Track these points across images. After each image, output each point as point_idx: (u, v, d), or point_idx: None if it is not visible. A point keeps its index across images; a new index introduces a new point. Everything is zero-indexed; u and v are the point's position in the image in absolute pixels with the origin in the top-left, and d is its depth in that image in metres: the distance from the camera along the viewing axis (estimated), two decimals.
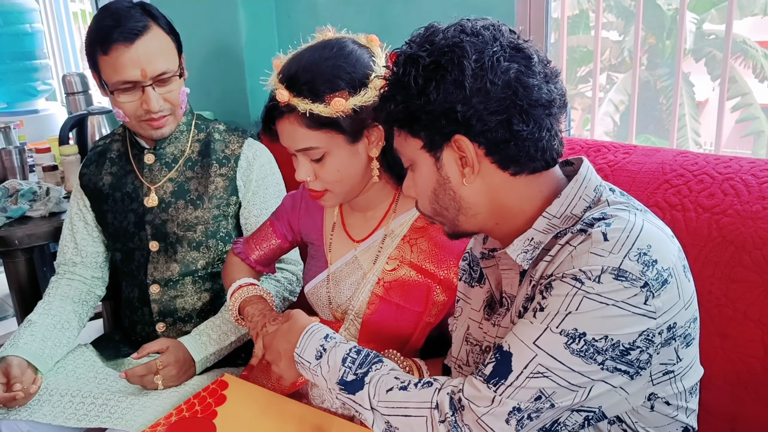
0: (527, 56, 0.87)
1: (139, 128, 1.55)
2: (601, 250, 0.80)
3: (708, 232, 1.21)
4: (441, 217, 0.96)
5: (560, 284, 0.82)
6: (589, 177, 0.92)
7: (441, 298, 1.23)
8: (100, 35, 1.45)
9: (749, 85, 9.08)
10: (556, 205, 0.90)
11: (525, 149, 0.87)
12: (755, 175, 1.21)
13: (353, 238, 1.31)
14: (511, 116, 0.85)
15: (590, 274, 0.80)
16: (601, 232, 0.82)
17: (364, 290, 1.26)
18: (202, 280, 1.63)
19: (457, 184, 0.91)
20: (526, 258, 0.91)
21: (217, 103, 2.38)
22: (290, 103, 1.11)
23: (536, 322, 0.83)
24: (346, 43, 1.16)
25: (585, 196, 0.90)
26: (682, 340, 0.85)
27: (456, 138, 0.87)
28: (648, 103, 10.07)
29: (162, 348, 1.45)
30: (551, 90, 0.88)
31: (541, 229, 0.90)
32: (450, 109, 0.85)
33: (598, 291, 0.79)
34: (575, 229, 0.86)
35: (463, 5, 1.80)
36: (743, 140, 9.88)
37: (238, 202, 1.63)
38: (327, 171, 1.17)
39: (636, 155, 1.39)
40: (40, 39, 3.69)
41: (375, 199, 1.27)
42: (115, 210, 1.63)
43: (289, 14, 2.27)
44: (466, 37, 0.86)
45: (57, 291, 1.65)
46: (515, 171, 0.89)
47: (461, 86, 0.84)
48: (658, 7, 9.21)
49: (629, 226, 0.82)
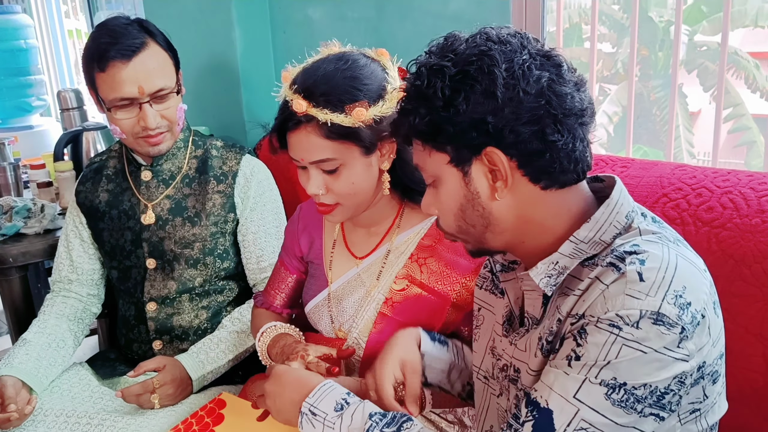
0: (557, 64, 0.84)
1: (136, 145, 1.54)
2: (637, 292, 0.76)
3: (707, 245, 1.21)
4: (466, 234, 0.92)
5: (596, 331, 0.77)
6: (622, 202, 0.87)
7: (452, 317, 1.22)
8: (98, 52, 1.45)
9: (741, 96, 9.14)
10: (585, 230, 0.85)
11: (559, 160, 0.83)
12: (754, 189, 1.21)
13: (355, 254, 1.29)
14: (545, 126, 0.81)
15: (628, 320, 0.75)
16: (636, 271, 0.77)
17: (369, 309, 1.24)
18: (199, 297, 1.62)
19: (486, 200, 0.86)
20: (549, 283, 0.87)
21: (213, 118, 2.38)
22: (308, 113, 1.09)
23: (573, 373, 0.79)
24: (359, 56, 1.15)
25: (616, 223, 0.86)
26: (710, 378, 0.82)
27: (487, 150, 0.83)
28: (642, 115, 10.13)
29: (159, 366, 1.44)
30: (582, 98, 0.84)
31: (566, 254, 0.86)
32: (480, 120, 0.81)
33: (637, 338, 0.75)
34: (605, 262, 0.81)
35: (458, 20, 1.80)
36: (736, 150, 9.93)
37: (236, 219, 1.63)
38: (341, 184, 1.15)
39: (633, 169, 1.39)
40: (34, 55, 3.69)
41: (380, 214, 1.26)
42: (112, 228, 1.62)
43: (285, 30, 2.27)
44: (494, 45, 0.82)
45: (52, 309, 1.63)
46: (546, 184, 0.85)
47: (492, 96, 0.80)
48: (650, 20, 9.29)
49: (664, 265, 0.78)
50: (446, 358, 1.17)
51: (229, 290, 1.66)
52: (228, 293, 1.66)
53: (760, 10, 8.61)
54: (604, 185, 0.93)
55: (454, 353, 1.18)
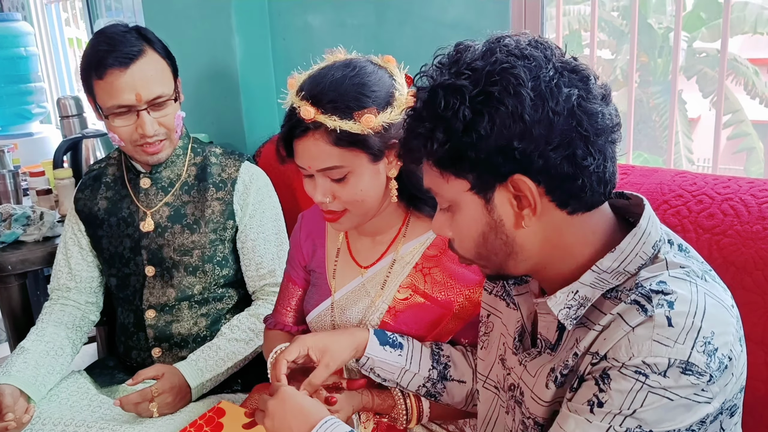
0: (584, 77, 0.78)
1: (134, 153, 1.54)
2: (665, 338, 0.72)
3: (708, 253, 1.20)
4: (486, 261, 0.86)
5: (621, 377, 0.74)
6: (650, 231, 0.82)
7: (451, 326, 1.21)
8: (95, 60, 1.45)
9: (740, 102, 9.16)
10: (609, 260, 0.80)
11: (590, 184, 0.77)
12: (754, 195, 1.20)
13: (360, 264, 1.27)
14: (576, 149, 0.75)
15: (655, 368, 0.72)
16: (665, 315, 0.73)
17: (373, 318, 1.23)
18: (198, 305, 1.61)
19: (511, 228, 0.81)
20: (570, 315, 0.82)
21: (213, 125, 2.38)
22: (317, 120, 1.08)
23: (596, 420, 0.75)
24: (366, 63, 1.14)
25: (642, 253, 0.80)
26: (728, 412, 0.79)
27: (514, 178, 0.77)
28: (641, 121, 10.14)
29: (157, 374, 1.43)
30: (611, 113, 0.79)
31: (588, 283, 0.81)
32: (506, 145, 0.75)
33: (664, 386, 0.72)
34: (630, 299, 0.76)
35: (457, 27, 1.80)
36: (735, 156, 9.93)
37: (235, 226, 1.62)
38: (349, 191, 1.13)
39: (634, 176, 1.38)
40: (34, 62, 3.70)
41: (386, 222, 1.24)
42: (111, 235, 1.62)
43: (284, 37, 2.27)
44: (517, 60, 0.76)
45: (50, 317, 1.62)
46: (574, 208, 0.80)
47: (520, 119, 0.74)
48: (649, 26, 9.31)
49: (693, 308, 0.74)
50: (396, 363, 1.14)
51: (228, 298, 1.66)
52: (227, 301, 1.66)
53: (759, 17, 8.63)
54: (629, 203, 0.88)
55: (408, 359, 1.15)
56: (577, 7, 9.18)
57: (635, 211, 0.86)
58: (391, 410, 1.20)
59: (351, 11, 2.06)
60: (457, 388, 1.18)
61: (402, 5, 1.93)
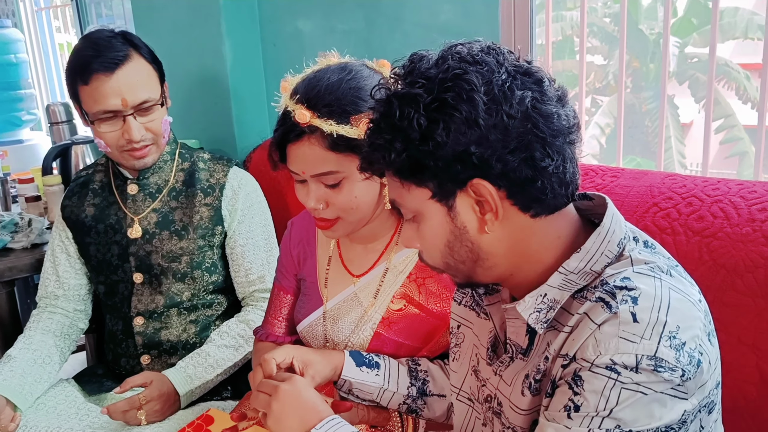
0: (538, 80, 0.78)
1: (121, 158, 1.53)
2: (631, 334, 0.72)
3: (699, 255, 1.20)
4: (454, 270, 0.86)
5: (593, 377, 0.73)
6: (614, 229, 0.82)
7: (445, 339, 1.19)
8: (80, 65, 1.44)
9: (732, 107, 9.21)
10: (575, 260, 0.80)
11: (550, 186, 0.78)
12: (744, 197, 1.20)
13: (352, 272, 1.25)
14: (533, 151, 0.75)
15: (626, 365, 0.72)
16: (629, 311, 0.73)
17: (366, 328, 1.21)
18: (187, 311, 1.60)
19: (475, 234, 0.81)
20: (540, 319, 0.82)
21: (203, 131, 2.37)
22: (312, 124, 1.05)
23: (575, 426, 0.74)
24: (362, 67, 1.12)
25: (607, 252, 0.81)
26: (706, 410, 0.79)
27: (473, 183, 0.77)
28: (634, 126, 10.18)
29: (145, 381, 1.41)
30: (567, 114, 0.79)
31: (555, 285, 0.81)
32: (464, 151, 0.75)
33: (636, 381, 0.72)
34: (594, 297, 0.77)
35: (446, 31, 1.80)
36: (728, 161, 9.98)
37: (224, 232, 1.61)
38: (343, 197, 1.11)
39: (624, 178, 1.38)
40: (24, 69, 3.69)
41: (378, 230, 1.22)
42: (98, 242, 1.60)
43: (275, 43, 2.27)
44: (469, 66, 0.76)
45: (38, 325, 1.61)
46: (537, 211, 0.80)
47: (475, 124, 0.74)
48: (640, 32, 9.36)
49: (656, 303, 0.74)
50: (374, 383, 1.13)
51: (217, 304, 1.64)
52: (217, 307, 1.64)
53: (749, 22, 8.69)
54: (593, 204, 0.88)
55: (385, 378, 1.14)
56: (570, 13, 9.22)
57: (599, 212, 0.86)
58: (387, 422, 1.18)
59: (341, 17, 2.06)
60: (437, 403, 1.17)
61: (392, 11, 1.93)
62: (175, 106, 1.58)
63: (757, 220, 1.16)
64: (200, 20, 2.27)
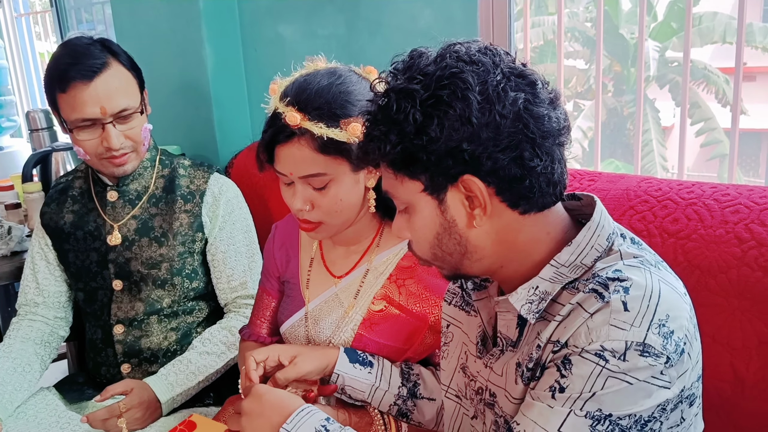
0: (532, 82, 0.80)
1: (100, 166, 1.52)
2: (622, 322, 0.74)
3: (674, 257, 1.21)
4: (441, 261, 0.88)
5: (581, 361, 0.76)
6: (603, 224, 0.84)
7: (429, 340, 1.20)
8: (58, 73, 1.43)
9: (712, 110, 9.32)
10: (566, 254, 0.83)
11: (538, 185, 0.80)
12: (717, 200, 1.22)
13: (334, 273, 1.27)
14: (523, 151, 0.78)
15: (614, 352, 0.74)
16: (620, 300, 0.75)
17: (347, 329, 1.22)
18: (168, 318, 1.60)
19: (463, 228, 0.83)
20: (531, 309, 0.84)
21: (185, 136, 2.36)
22: (303, 126, 1.07)
23: (557, 405, 0.76)
24: (350, 72, 1.14)
25: (597, 246, 0.83)
26: (687, 401, 0.81)
27: (464, 178, 0.79)
28: (616, 129, 10.27)
29: (126, 389, 1.41)
30: (558, 117, 0.81)
31: (547, 278, 0.83)
32: (456, 147, 0.77)
33: (623, 369, 0.74)
34: (587, 288, 0.79)
35: (426, 36, 1.81)
36: (709, 164, 10.09)
37: (204, 239, 1.61)
38: (329, 200, 1.13)
39: (601, 182, 1.40)
40: (4, 75, 3.65)
41: (360, 232, 1.24)
42: (77, 249, 1.60)
43: (256, 48, 2.27)
44: (465, 65, 0.78)
45: (18, 333, 1.60)
46: (525, 209, 0.82)
47: (468, 122, 0.76)
48: (621, 36, 9.46)
49: (647, 293, 0.76)
50: (366, 380, 1.15)
51: (198, 311, 1.64)
52: (198, 314, 1.64)
53: (728, 27, 8.81)
54: (581, 204, 0.90)
55: (378, 376, 1.16)
56: (551, 17, 9.30)
57: (587, 212, 0.88)
58: (369, 428, 1.18)
59: (322, 21, 2.07)
60: (427, 406, 1.18)
61: (372, 15, 1.94)
62: (157, 111, 1.58)
63: (730, 222, 1.18)
64: (181, 25, 2.27)
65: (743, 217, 1.18)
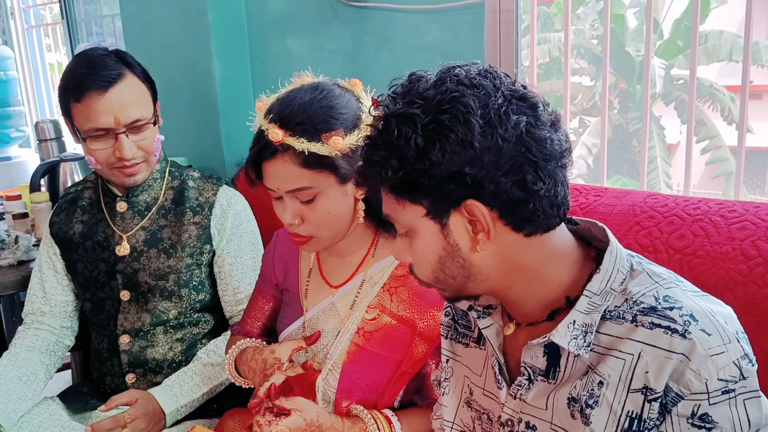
0: (533, 105, 0.80)
1: (111, 175, 1.53)
2: (716, 347, 0.75)
3: (680, 273, 1.19)
4: (443, 284, 0.88)
5: (715, 407, 0.75)
6: (618, 247, 0.85)
7: (420, 348, 1.21)
8: (74, 82, 1.44)
9: (718, 128, 9.32)
10: (597, 281, 0.82)
11: (542, 208, 0.80)
12: (724, 216, 1.22)
13: (330, 283, 1.28)
14: (525, 174, 0.77)
15: (734, 378, 0.75)
16: (699, 330, 0.76)
17: (343, 339, 1.23)
18: (173, 329, 1.60)
19: (467, 251, 0.83)
20: (580, 345, 0.82)
21: (192, 149, 2.38)
22: (285, 142, 1.09)
23: None
24: (334, 86, 1.16)
25: (621, 269, 0.84)
26: None
27: (467, 203, 0.79)
28: (621, 146, 10.27)
29: (131, 400, 1.41)
30: (560, 139, 0.81)
31: (582, 310, 0.82)
32: (458, 172, 0.77)
33: (749, 387, 0.75)
34: (647, 322, 0.78)
35: (433, 51, 1.83)
36: (714, 181, 10.07)
37: (212, 251, 1.61)
38: (317, 213, 1.14)
39: (607, 197, 1.40)
40: (14, 86, 3.68)
41: (355, 243, 1.25)
42: (86, 259, 1.60)
43: (263, 62, 2.29)
44: (466, 89, 0.78)
45: (24, 341, 1.60)
46: (530, 231, 0.82)
47: (470, 146, 0.76)
48: (627, 54, 9.48)
49: (706, 311, 0.78)
50: None
51: (204, 322, 1.64)
52: (203, 325, 1.64)
53: (734, 45, 8.83)
54: (578, 228, 0.91)
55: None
56: (558, 34, 9.34)
57: (586, 234, 0.90)
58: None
59: (329, 36, 2.08)
60: None
61: (379, 30, 1.95)
62: (165, 123, 1.59)
63: (737, 239, 1.18)
64: (190, 39, 2.29)
65: (750, 234, 1.18)
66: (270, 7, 2.23)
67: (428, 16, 1.83)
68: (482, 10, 1.73)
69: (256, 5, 2.27)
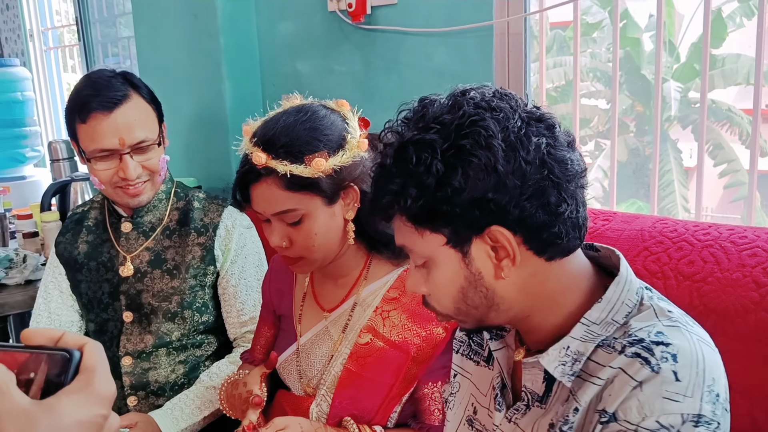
0: (550, 126, 0.79)
1: (115, 195, 1.53)
2: (674, 394, 0.72)
3: (689, 300, 1.18)
4: (465, 315, 0.84)
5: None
6: (630, 278, 0.82)
7: (413, 371, 1.19)
8: (79, 103, 1.45)
9: (736, 152, 9.24)
10: (597, 311, 0.80)
11: (566, 230, 0.78)
12: (734, 242, 1.19)
13: (324, 307, 1.27)
14: (549, 196, 0.76)
15: (671, 427, 0.71)
16: (670, 370, 0.73)
17: (336, 363, 1.21)
18: (176, 351, 1.58)
19: (490, 279, 0.80)
20: (566, 372, 0.80)
21: (202, 169, 2.39)
22: (268, 166, 1.09)
23: None
24: (319, 107, 1.16)
25: (627, 301, 0.81)
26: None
27: (491, 229, 0.76)
28: (637, 169, 10.20)
29: (131, 423, 1.40)
30: (578, 159, 0.80)
31: (578, 337, 0.80)
32: (482, 198, 0.74)
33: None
34: (630, 352, 0.76)
35: (442, 74, 1.83)
36: (733, 205, 9.96)
37: (216, 272, 1.60)
38: (304, 235, 1.13)
39: (615, 222, 1.37)
40: (30, 107, 3.73)
41: (347, 265, 1.24)
42: (90, 279, 1.60)
43: (274, 83, 2.30)
44: (485, 112, 0.76)
45: None
46: (552, 255, 0.80)
47: (493, 171, 0.73)
48: (643, 77, 9.45)
49: (695, 359, 0.74)
50: None
51: (207, 344, 1.63)
52: (207, 347, 1.63)
53: (751, 69, 8.77)
54: (599, 255, 0.88)
55: None
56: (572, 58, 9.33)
57: (605, 263, 0.87)
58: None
59: (339, 58, 2.09)
60: None
61: (388, 53, 1.96)
62: (175, 144, 1.59)
63: (747, 266, 1.15)
64: (202, 61, 2.31)
65: (761, 261, 1.15)
66: (281, 29, 2.24)
67: (437, 39, 1.83)
68: (491, 33, 1.73)
69: (267, 28, 2.28)
